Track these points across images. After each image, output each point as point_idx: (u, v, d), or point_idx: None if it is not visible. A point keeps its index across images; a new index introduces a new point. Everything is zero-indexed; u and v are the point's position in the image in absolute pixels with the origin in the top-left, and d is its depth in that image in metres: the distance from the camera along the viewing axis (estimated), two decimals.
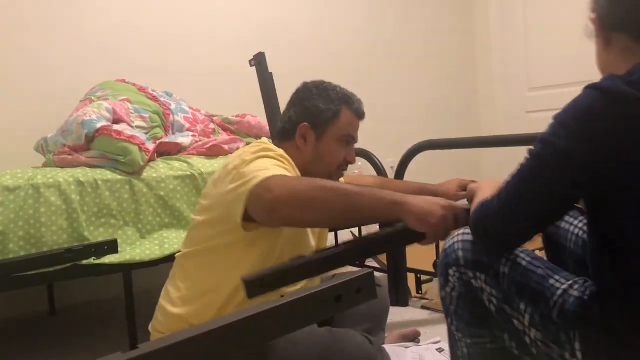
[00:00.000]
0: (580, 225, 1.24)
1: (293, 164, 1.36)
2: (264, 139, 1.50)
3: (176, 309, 1.35)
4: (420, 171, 2.53)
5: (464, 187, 1.76)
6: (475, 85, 4.35)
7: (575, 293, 0.98)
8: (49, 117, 2.40)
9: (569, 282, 1.00)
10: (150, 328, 1.42)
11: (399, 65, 3.91)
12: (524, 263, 1.05)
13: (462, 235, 1.14)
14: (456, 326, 1.18)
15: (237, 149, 2.23)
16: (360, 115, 1.48)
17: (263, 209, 1.15)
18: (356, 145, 2.50)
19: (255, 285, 0.91)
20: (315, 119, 1.42)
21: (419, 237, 1.11)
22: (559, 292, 0.99)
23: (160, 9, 2.93)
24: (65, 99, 2.42)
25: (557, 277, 1.02)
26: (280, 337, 0.70)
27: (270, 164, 1.24)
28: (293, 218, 1.15)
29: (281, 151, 1.36)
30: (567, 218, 1.27)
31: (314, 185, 1.14)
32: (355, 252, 1.10)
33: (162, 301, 1.40)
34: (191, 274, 1.37)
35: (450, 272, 1.16)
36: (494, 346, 1.14)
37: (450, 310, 1.18)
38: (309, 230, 1.42)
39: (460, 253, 1.12)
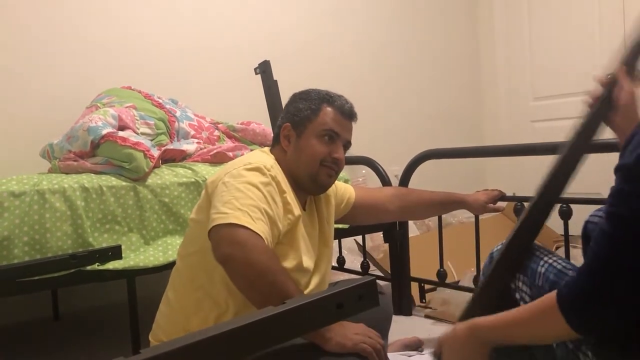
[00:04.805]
0: None
1: (281, 176, 1.34)
2: (265, 149, 1.50)
3: (175, 314, 1.36)
4: (425, 180, 2.53)
5: (493, 200, 1.77)
6: (479, 94, 4.36)
7: None
8: (54, 123, 2.42)
9: None
10: (150, 337, 1.42)
11: (404, 74, 3.92)
12: (559, 267, 1.10)
13: None
14: None
15: (242, 155, 2.24)
16: (344, 112, 1.43)
17: (217, 254, 1.18)
18: (360, 153, 2.52)
19: None
20: (295, 118, 1.43)
21: None
22: None
23: (166, 17, 2.95)
24: (71, 106, 2.43)
25: None
26: (281, 344, 0.70)
27: (246, 203, 1.21)
28: (233, 280, 1.19)
29: (272, 162, 1.36)
30: None
31: (265, 272, 1.14)
32: None
33: (162, 307, 1.41)
34: (187, 277, 1.37)
35: None
36: (519, 346, 1.16)
37: None
38: (302, 250, 1.38)
39: None
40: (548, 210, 1.19)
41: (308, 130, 1.41)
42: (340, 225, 1.91)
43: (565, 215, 1.89)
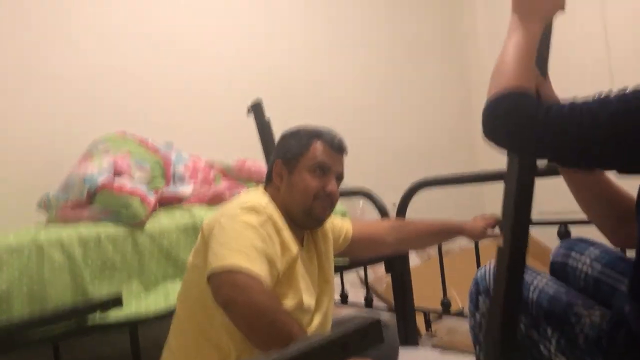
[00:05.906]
0: (588, 262, 1.22)
1: (277, 214, 1.35)
2: (260, 187, 1.51)
3: None
4: (424, 207, 2.53)
5: (490, 225, 1.76)
6: (473, 119, 4.38)
7: (597, 320, 1.01)
8: (51, 172, 2.43)
9: (591, 310, 1.03)
10: None
11: (396, 104, 3.97)
12: (551, 292, 1.09)
13: (492, 264, 1.16)
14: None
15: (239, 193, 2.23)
16: (334, 146, 1.45)
17: (217, 298, 1.18)
18: (356, 184, 2.51)
19: None
20: (287, 155, 1.45)
21: None
22: (583, 319, 1.02)
23: (159, 57, 2.99)
24: (67, 153, 2.44)
25: (580, 302, 1.06)
26: None
27: (244, 244, 1.22)
28: (235, 323, 1.17)
29: (267, 200, 1.37)
30: (573, 254, 1.26)
31: (265, 311, 1.14)
32: None
33: (165, 353, 1.40)
34: (188, 321, 1.36)
35: (480, 299, 1.19)
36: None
37: (479, 337, 1.20)
38: (302, 289, 1.37)
39: (491, 282, 1.15)
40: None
41: (300, 165, 1.42)
42: (340, 260, 1.89)
43: (564, 236, 1.89)
